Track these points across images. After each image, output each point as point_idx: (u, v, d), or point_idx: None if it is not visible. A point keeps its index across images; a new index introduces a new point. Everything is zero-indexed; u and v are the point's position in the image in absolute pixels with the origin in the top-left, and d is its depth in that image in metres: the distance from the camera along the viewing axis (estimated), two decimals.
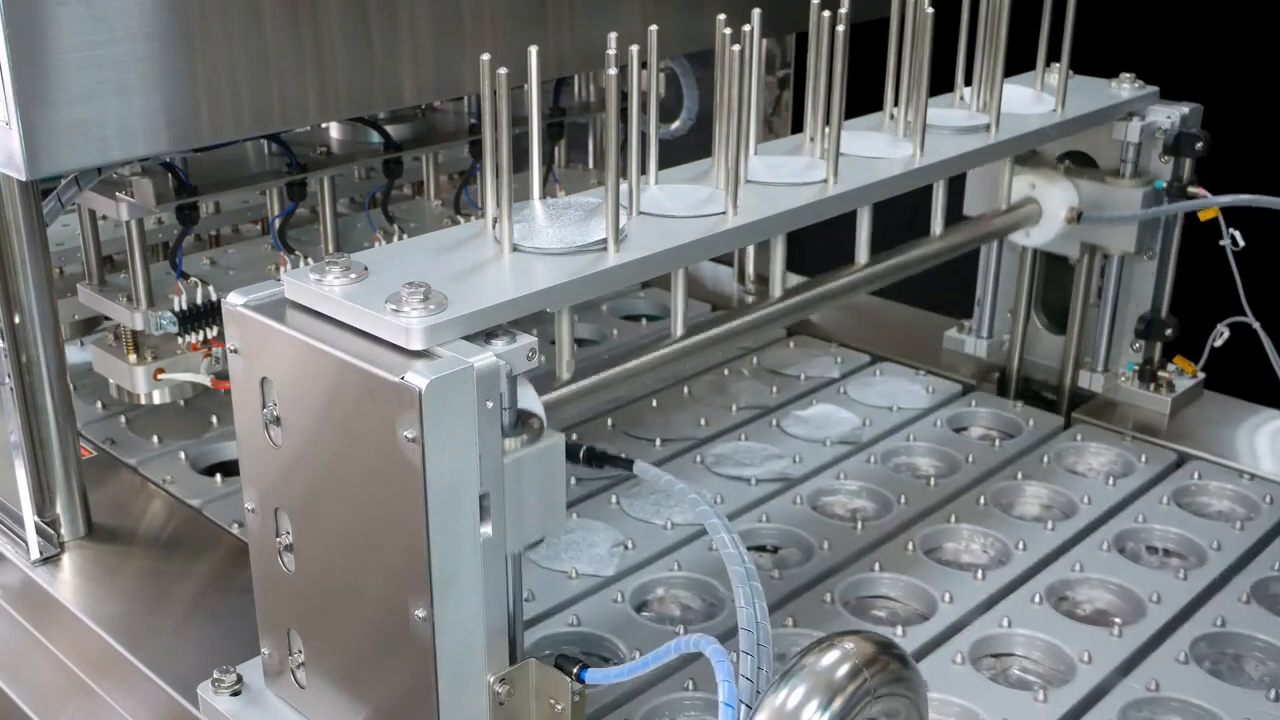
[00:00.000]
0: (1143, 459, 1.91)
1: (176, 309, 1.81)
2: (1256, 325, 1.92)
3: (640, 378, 1.45)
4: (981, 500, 1.80)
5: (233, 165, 1.99)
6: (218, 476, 1.86)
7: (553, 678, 1.17)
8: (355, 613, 1.20)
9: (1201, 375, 2.08)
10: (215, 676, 1.34)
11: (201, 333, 1.84)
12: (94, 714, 1.52)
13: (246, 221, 2.41)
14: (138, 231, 1.84)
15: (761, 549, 1.72)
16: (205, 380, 1.88)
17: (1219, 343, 2.01)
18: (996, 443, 1.98)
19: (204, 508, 1.78)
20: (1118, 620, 1.56)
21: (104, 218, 1.92)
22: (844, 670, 1.04)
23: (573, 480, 1.85)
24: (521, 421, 1.14)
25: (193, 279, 1.89)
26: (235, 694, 1.33)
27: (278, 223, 2.08)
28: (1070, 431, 2.00)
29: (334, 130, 2.17)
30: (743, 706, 1.04)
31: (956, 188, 1.72)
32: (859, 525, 1.74)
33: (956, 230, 1.80)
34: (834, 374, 2.20)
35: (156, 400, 1.92)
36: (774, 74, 2.53)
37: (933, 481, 1.85)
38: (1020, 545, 1.69)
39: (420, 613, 1.10)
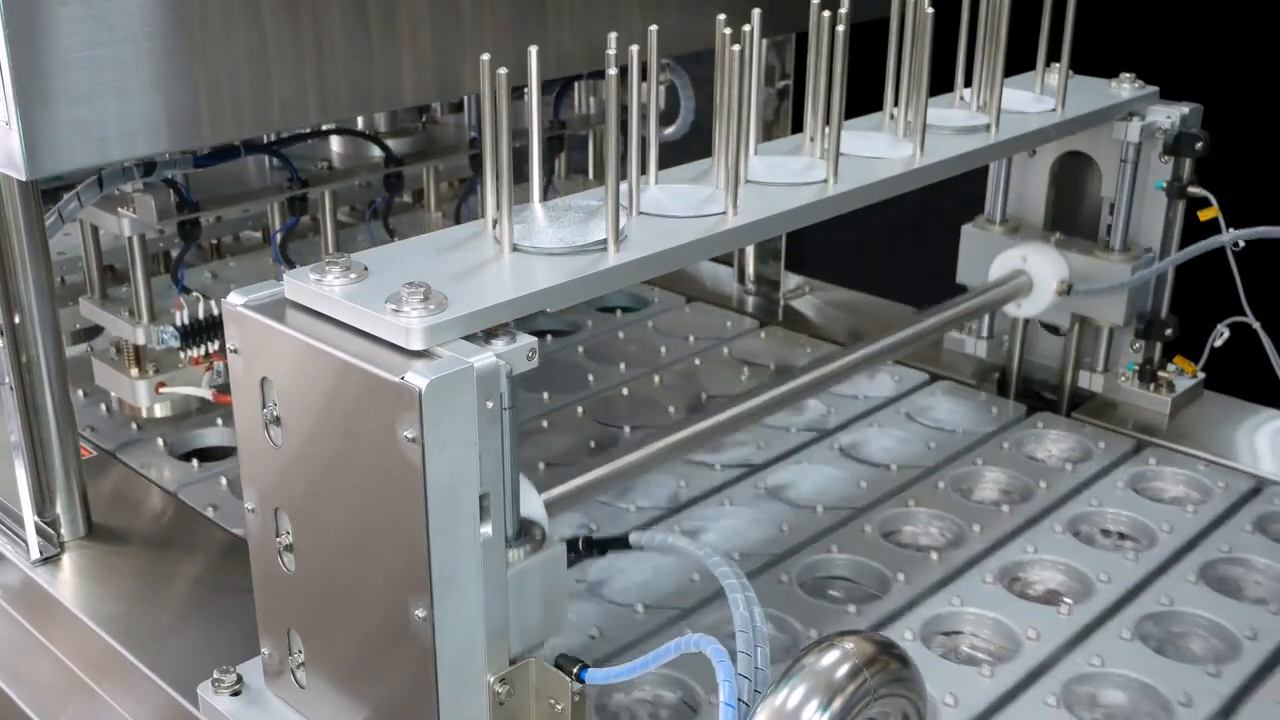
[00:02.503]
0: (1100, 445, 1.93)
1: (178, 324, 1.82)
2: (1256, 325, 1.92)
3: (637, 469, 1.50)
4: (940, 485, 1.81)
5: (234, 180, 2.00)
6: (194, 461, 1.88)
7: (553, 677, 1.17)
8: (355, 613, 1.20)
9: (1201, 375, 2.08)
10: (215, 676, 1.34)
11: (203, 347, 1.85)
12: (94, 714, 1.51)
13: (247, 229, 2.41)
14: (139, 247, 1.85)
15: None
16: (207, 394, 1.90)
17: (1219, 343, 2.01)
18: (959, 430, 1.99)
19: (204, 508, 1.78)
20: (1067, 600, 1.58)
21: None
22: (844, 670, 1.04)
23: None
24: (524, 532, 1.17)
25: (194, 293, 1.89)
26: (235, 694, 1.33)
27: (279, 237, 2.08)
28: (1030, 419, 2.02)
29: (335, 144, 2.18)
30: (741, 706, 1.04)
31: (960, 184, 1.72)
32: (818, 509, 1.76)
33: (949, 306, 1.88)
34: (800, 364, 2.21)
35: (158, 414, 1.93)
36: (773, 85, 2.53)
37: (893, 468, 1.86)
38: (976, 528, 1.70)
39: (420, 613, 1.11)
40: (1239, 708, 1.41)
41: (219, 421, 1.98)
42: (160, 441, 1.92)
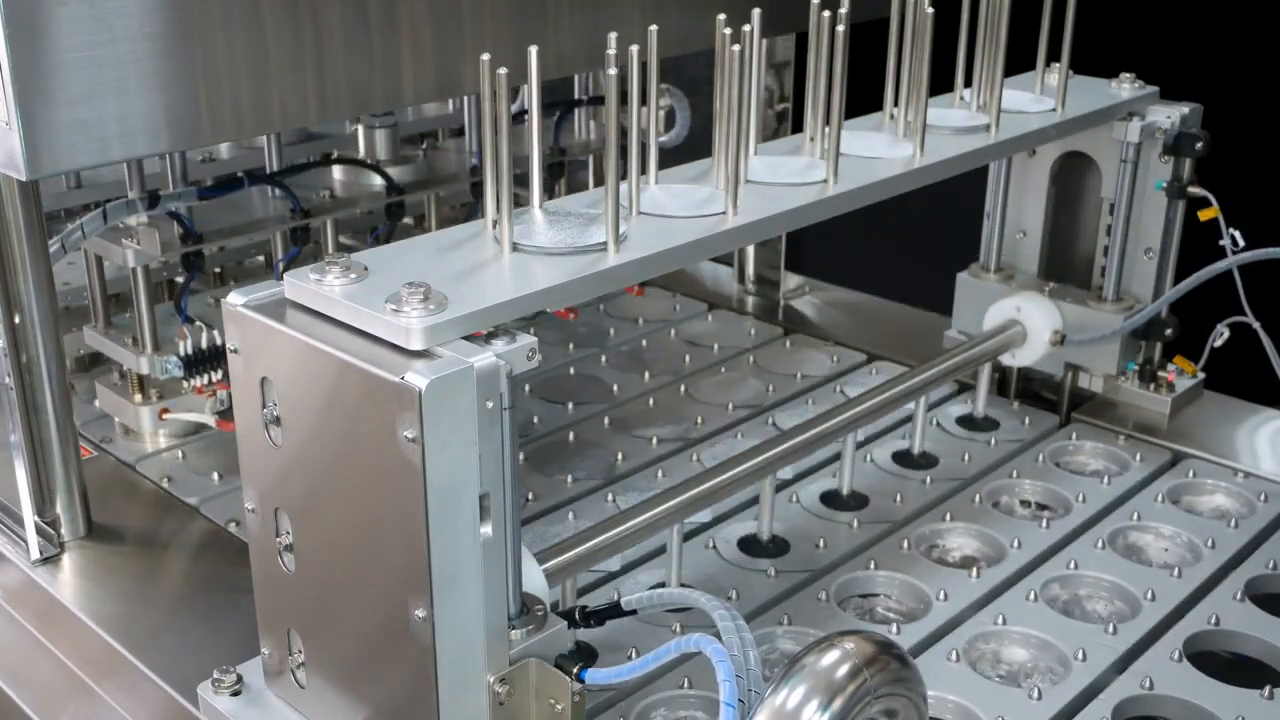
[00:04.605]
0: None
1: (181, 353, 1.82)
2: (1256, 325, 1.92)
3: (641, 534, 1.52)
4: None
5: (237, 211, 2.01)
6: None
7: (553, 677, 1.17)
8: (355, 613, 1.20)
9: (1201, 375, 2.08)
10: (215, 676, 1.34)
11: (206, 376, 1.85)
12: (94, 714, 1.52)
13: (250, 256, 2.42)
14: (143, 277, 1.85)
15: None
16: (210, 421, 1.90)
17: (1219, 343, 2.01)
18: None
19: (202, 506, 1.78)
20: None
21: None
22: (844, 670, 1.04)
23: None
24: (525, 610, 1.18)
25: (197, 323, 1.90)
26: (235, 694, 1.33)
27: (281, 267, 2.09)
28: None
29: (336, 173, 2.19)
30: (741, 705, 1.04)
31: (957, 182, 1.72)
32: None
33: (946, 358, 1.90)
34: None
35: (162, 441, 1.93)
36: (772, 108, 2.53)
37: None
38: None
39: (420, 613, 1.11)
40: None
41: None
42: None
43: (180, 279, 2.03)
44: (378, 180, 2.16)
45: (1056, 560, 1.67)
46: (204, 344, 1.84)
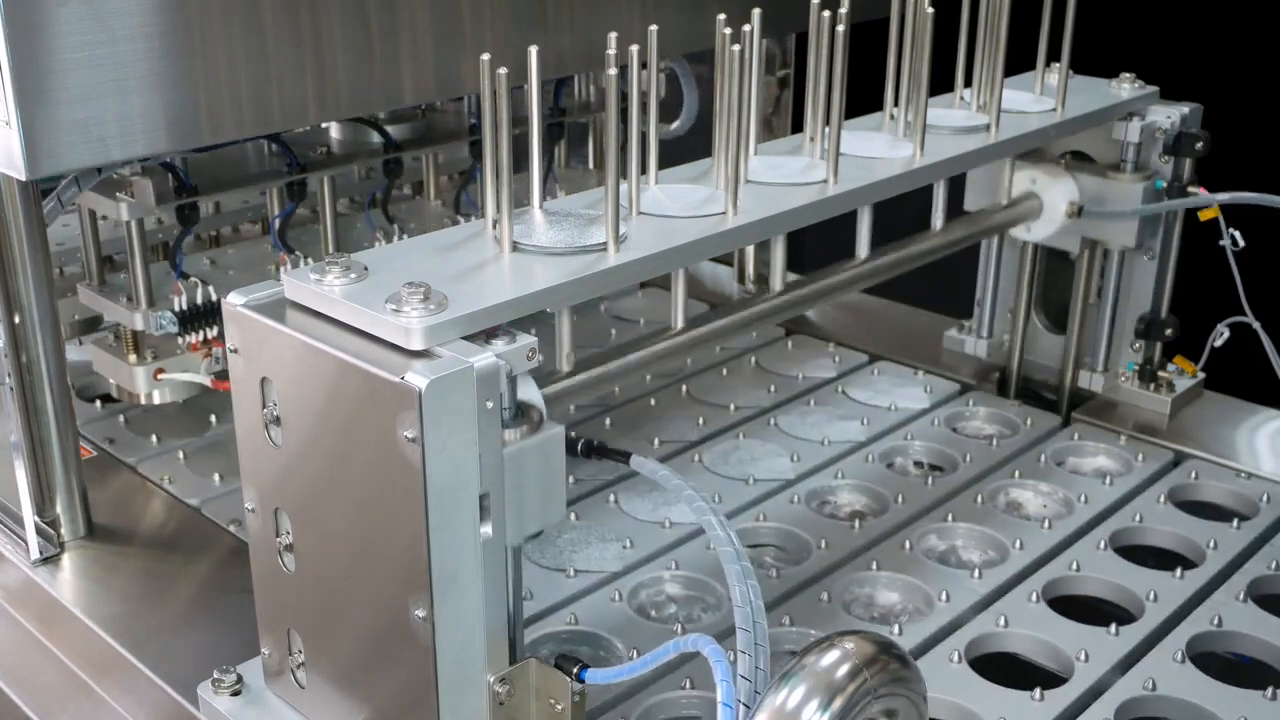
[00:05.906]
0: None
1: (176, 309, 1.81)
2: (1256, 325, 1.92)
3: (638, 372, 1.47)
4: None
5: (233, 165, 1.99)
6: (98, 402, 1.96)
7: (553, 677, 1.18)
8: (355, 613, 1.20)
9: (1201, 375, 2.08)
10: (215, 676, 1.34)
11: (201, 333, 1.84)
12: (94, 714, 1.52)
13: (246, 221, 2.41)
14: (138, 232, 1.84)
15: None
16: (205, 380, 1.88)
17: (1219, 343, 2.01)
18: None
19: (203, 507, 1.78)
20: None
21: (104, 217, 1.92)
22: (844, 670, 1.04)
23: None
24: (521, 413, 1.14)
25: (193, 279, 1.89)
26: (235, 694, 1.33)
27: (278, 223, 2.08)
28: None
29: (334, 130, 2.17)
30: (741, 706, 1.04)
31: (958, 184, 1.72)
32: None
33: (958, 225, 1.82)
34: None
35: (157, 400, 1.92)
36: (774, 74, 2.53)
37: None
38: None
39: (420, 613, 1.11)
40: None
41: None
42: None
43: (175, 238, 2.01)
44: (375, 137, 2.14)
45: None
46: (199, 300, 1.82)
